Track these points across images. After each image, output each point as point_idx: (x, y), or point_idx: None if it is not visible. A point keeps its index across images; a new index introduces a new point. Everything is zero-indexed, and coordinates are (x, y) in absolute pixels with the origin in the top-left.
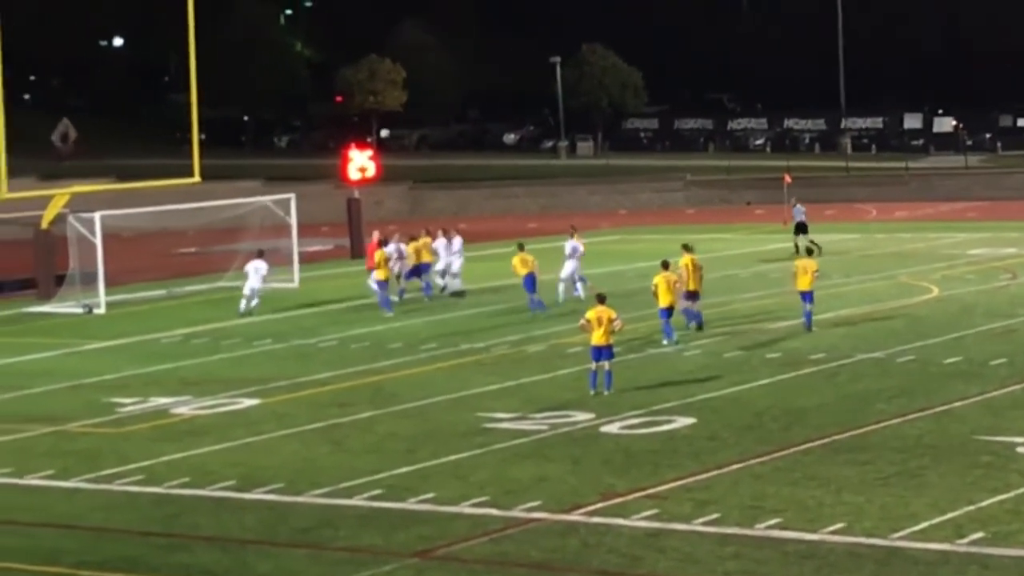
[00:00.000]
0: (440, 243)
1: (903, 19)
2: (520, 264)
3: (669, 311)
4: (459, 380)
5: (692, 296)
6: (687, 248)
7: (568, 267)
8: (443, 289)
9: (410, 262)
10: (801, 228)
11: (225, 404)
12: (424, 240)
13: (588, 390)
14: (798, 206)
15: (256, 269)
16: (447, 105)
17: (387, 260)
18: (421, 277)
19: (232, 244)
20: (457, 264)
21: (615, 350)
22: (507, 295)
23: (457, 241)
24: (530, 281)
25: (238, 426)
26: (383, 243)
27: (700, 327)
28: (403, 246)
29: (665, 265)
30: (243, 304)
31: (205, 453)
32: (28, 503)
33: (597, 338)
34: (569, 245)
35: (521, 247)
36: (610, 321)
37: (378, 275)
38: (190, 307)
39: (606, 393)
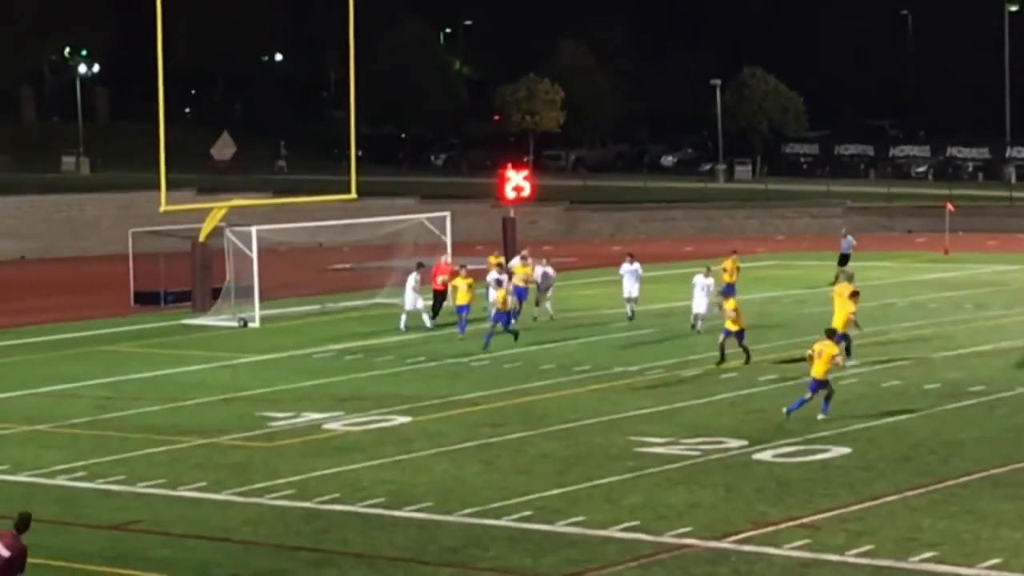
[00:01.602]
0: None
1: None
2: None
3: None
4: (611, 403)
5: None
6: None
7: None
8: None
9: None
10: (844, 259)
11: (377, 421)
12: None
13: (738, 418)
14: (848, 237)
15: (408, 282)
16: (605, 126)
17: (470, 285)
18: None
19: (387, 261)
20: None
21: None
22: (663, 319)
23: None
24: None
25: (389, 443)
26: (462, 267)
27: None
28: (503, 277)
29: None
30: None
31: (356, 469)
32: (181, 514)
33: (816, 370)
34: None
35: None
36: (832, 357)
37: (459, 299)
38: (344, 323)
39: (820, 417)
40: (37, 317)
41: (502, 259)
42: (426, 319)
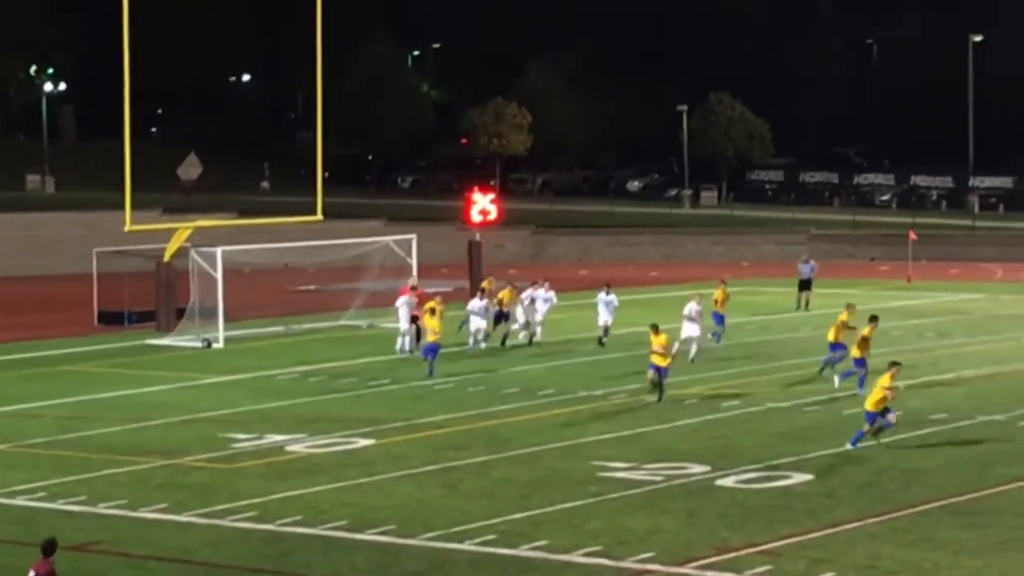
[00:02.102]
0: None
1: None
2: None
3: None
4: (575, 427)
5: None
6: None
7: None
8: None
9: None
10: (805, 284)
11: (340, 443)
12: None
13: (702, 444)
14: (810, 263)
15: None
16: (572, 151)
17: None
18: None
19: (352, 283)
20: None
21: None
22: (628, 344)
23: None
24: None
25: (352, 466)
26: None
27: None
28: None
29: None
30: (401, 342)
31: (318, 492)
32: (141, 535)
33: (868, 403)
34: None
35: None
36: (883, 389)
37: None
38: (308, 344)
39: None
40: (0, 336)
41: (493, 284)
42: (406, 343)
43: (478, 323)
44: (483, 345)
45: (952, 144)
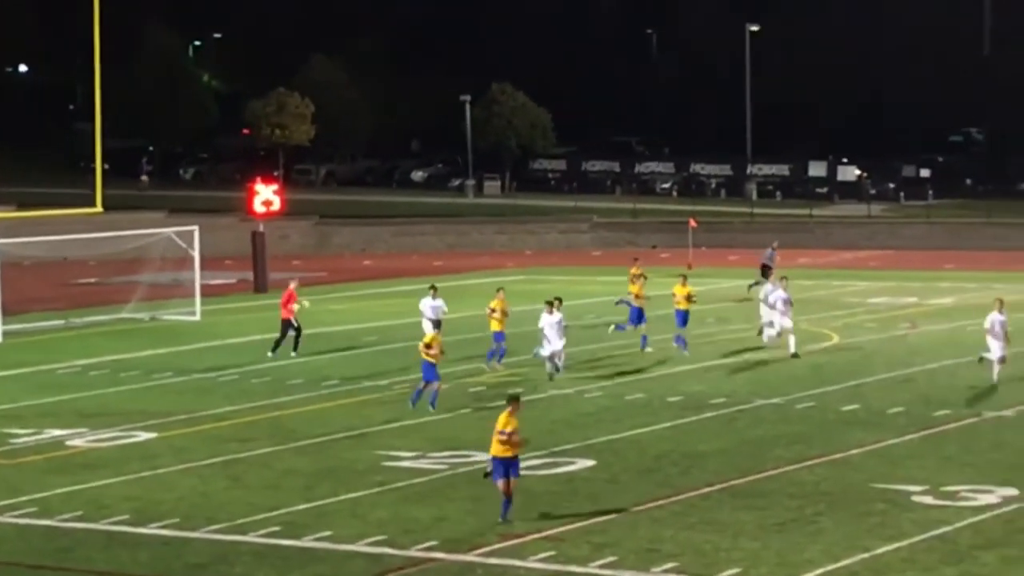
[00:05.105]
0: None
1: (810, 68)
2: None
3: None
4: (360, 417)
5: None
6: None
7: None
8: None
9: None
10: (765, 270)
11: (122, 437)
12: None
13: (486, 432)
14: (770, 251)
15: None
16: (356, 141)
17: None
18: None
19: (133, 275)
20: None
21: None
22: (408, 336)
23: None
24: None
25: (134, 459)
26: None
27: None
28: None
29: None
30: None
31: (100, 486)
32: None
33: None
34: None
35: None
36: None
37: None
38: (89, 338)
39: None
40: None
41: (640, 270)
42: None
43: (554, 345)
44: (560, 369)
45: (730, 133)
